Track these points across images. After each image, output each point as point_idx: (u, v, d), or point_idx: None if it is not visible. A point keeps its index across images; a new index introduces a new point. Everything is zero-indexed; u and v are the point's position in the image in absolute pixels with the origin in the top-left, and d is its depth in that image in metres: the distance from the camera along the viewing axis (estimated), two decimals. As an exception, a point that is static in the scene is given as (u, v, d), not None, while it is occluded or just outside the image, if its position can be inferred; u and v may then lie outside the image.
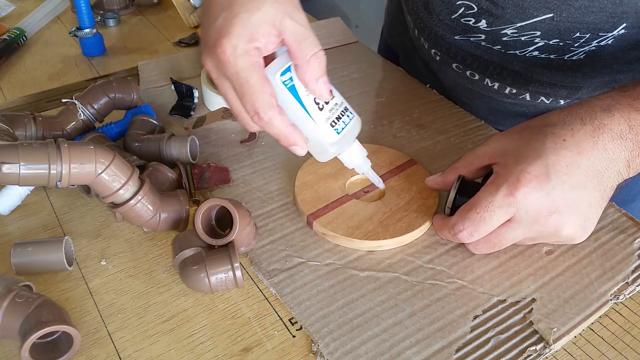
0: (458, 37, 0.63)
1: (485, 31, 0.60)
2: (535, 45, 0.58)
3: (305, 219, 0.51)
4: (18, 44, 0.80)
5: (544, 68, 0.61)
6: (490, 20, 0.59)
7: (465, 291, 0.46)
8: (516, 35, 0.58)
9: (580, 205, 0.45)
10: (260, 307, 0.45)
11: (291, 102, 0.44)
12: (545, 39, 0.57)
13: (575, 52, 0.57)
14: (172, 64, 0.74)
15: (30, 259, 0.45)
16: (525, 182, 0.43)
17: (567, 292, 0.46)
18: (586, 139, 0.44)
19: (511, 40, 0.59)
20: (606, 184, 0.45)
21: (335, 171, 0.55)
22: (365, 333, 0.42)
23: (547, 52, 0.58)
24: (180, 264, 0.45)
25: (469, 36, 0.62)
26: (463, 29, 0.62)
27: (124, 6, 0.91)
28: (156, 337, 0.42)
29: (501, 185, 0.44)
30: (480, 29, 0.60)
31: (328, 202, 0.52)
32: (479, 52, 0.64)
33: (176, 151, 0.55)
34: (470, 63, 0.66)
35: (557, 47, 0.57)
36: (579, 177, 0.44)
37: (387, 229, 0.49)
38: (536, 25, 0.56)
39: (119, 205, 0.46)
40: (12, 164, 0.41)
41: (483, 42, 0.62)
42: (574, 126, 0.45)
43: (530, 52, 0.59)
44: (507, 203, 0.44)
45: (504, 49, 0.60)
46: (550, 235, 0.46)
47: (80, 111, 0.57)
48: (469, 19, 0.60)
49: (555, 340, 0.42)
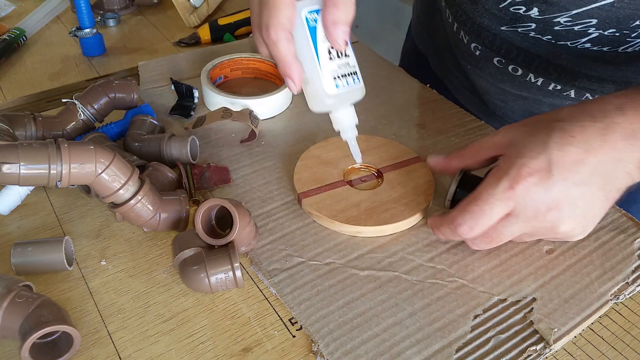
0: (504, 28, 0.61)
1: (536, 20, 0.58)
2: (589, 37, 0.55)
3: (297, 197, 0.53)
4: (18, 44, 0.80)
5: (594, 61, 0.58)
6: (544, 7, 0.56)
7: (465, 290, 0.46)
8: (570, 24, 0.55)
9: (582, 204, 0.44)
10: (260, 307, 0.45)
11: (306, 40, 0.46)
12: (601, 29, 0.54)
13: (631, 43, 0.54)
14: (172, 64, 0.74)
15: (30, 259, 0.45)
16: (526, 176, 0.42)
17: (568, 292, 0.46)
18: (595, 137, 0.43)
19: (563, 30, 0.56)
20: (613, 184, 0.44)
21: (338, 158, 0.56)
22: (366, 333, 0.42)
23: (601, 45, 0.56)
24: (181, 264, 0.45)
25: (517, 26, 0.60)
26: (512, 18, 0.60)
27: (124, 6, 0.91)
28: (156, 337, 0.42)
29: (502, 178, 0.43)
30: (531, 17, 0.58)
31: (322, 184, 0.53)
32: (525, 45, 0.61)
33: (176, 151, 0.55)
34: (514, 57, 0.64)
35: (612, 38, 0.54)
36: (583, 175, 0.43)
37: (371, 217, 0.50)
38: (593, 13, 0.53)
39: (119, 205, 0.46)
40: (12, 164, 0.41)
41: (532, 32, 0.59)
42: (584, 123, 0.43)
43: (582, 44, 0.56)
44: (507, 196, 0.43)
45: (554, 40, 0.58)
46: (547, 231, 0.45)
47: (80, 111, 0.57)
48: (519, 7, 0.58)
49: (555, 340, 0.42)
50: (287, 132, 0.63)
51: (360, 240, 0.50)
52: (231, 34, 0.83)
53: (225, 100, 0.63)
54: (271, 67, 0.70)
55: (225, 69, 0.70)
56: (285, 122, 0.65)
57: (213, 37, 0.83)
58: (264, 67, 0.71)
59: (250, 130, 0.61)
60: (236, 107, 0.63)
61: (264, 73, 0.71)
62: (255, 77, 0.72)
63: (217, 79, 0.70)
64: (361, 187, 0.54)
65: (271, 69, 0.70)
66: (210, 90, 0.64)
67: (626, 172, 0.44)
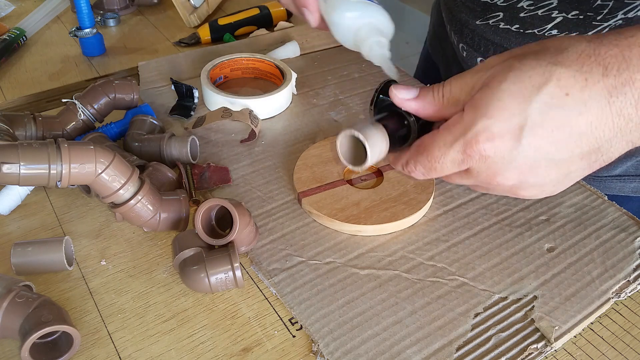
0: (479, 22, 0.61)
1: (502, 7, 0.57)
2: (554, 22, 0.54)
3: (297, 197, 0.53)
4: (18, 44, 0.80)
5: None
6: None
7: (466, 289, 0.46)
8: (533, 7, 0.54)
9: (554, 174, 0.37)
10: (260, 307, 0.45)
11: None
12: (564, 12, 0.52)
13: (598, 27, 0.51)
14: (172, 64, 0.74)
15: (30, 259, 0.45)
16: (484, 141, 0.35)
17: (569, 290, 0.46)
18: (599, 98, 0.34)
19: (528, 16, 0.55)
20: (602, 153, 0.36)
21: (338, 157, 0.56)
22: (366, 332, 0.42)
23: (567, 31, 0.53)
24: (180, 264, 0.45)
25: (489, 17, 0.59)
26: (482, 9, 0.60)
27: (124, 6, 0.91)
28: (156, 337, 0.42)
29: (458, 138, 0.37)
30: (498, 5, 0.57)
31: (322, 183, 0.53)
32: (498, 39, 0.61)
33: (176, 151, 0.55)
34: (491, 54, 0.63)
35: (577, 22, 0.52)
36: (564, 144, 0.35)
37: (371, 215, 0.50)
38: None
39: (119, 205, 0.46)
40: (12, 164, 0.41)
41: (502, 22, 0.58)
42: (591, 76, 0.34)
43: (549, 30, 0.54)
44: (460, 159, 0.37)
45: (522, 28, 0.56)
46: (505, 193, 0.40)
47: (80, 111, 0.57)
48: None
49: (556, 338, 0.42)
50: (287, 131, 0.63)
51: (360, 239, 0.50)
52: (231, 34, 0.83)
53: (225, 100, 0.63)
54: (271, 66, 0.70)
55: (225, 69, 0.70)
56: (285, 122, 0.65)
57: (213, 37, 0.83)
58: (264, 67, 0.71)
59: (250, 130, 0.61)
60: (236, 107, 0.63)
61: (264, 73, 0.71)
62: (255, 77, 0.72)
63: (217, 79, 0.70)
64: (361, 186, 0.54)
65: (271, 69, 0.70)
66: (211, 90, 0.64)
67: (627, 140, 0.35)
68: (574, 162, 0.36)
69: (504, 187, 0.38)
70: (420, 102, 0.41)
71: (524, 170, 0.37)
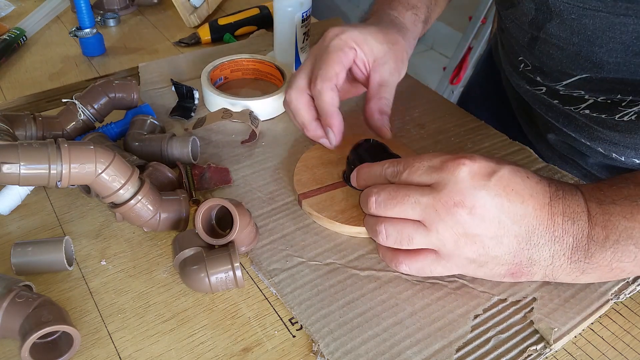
0: (529, 87, 0.64)
1: (544, 85, 0.60)
2: (587, 103, 0.56)
3: (297, 198, 0.53)
4: (18, 44, 0.80)
5: (599, 126, 0.58)
6: (543, 76, 0.59)
7: (465, 290, 0.46)
8: (567, 91, 0.57)
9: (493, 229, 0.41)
10: (260, 307, 0.45)
11: None
12: (594, 97, 0.55)
13: (625, 112, 0.54)
14: (172, 65, 0.74)
15: (30, 259, 0.45)
16: (464, 163, 0.41)
17: (568, 291, 0.46)
18: (544, 195, 0.41)
19: (566, 95, 0.58)
20: (530, 248, 0.41)
21: (338, 159, 0.56)
22: (366, 332, 0.42)
23: (598, 112, 0.56)
24: (180, 264, 0.45)
25: (535, 89, 0.62)
26: (529, 81, 0.63)
27: (124, 6, 0.91)
28: (156, 337, 0.42)
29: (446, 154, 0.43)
30: (539, 82, 0.60)
31: (322, 185, 0.53)
32: (546, 104, 0.64)
33: (177, 151, 0.55)
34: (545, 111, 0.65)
35: (605, 105, 0.55)
36: (514, 210, 0.40)
37: None
38: (579, 84, 0.55)
39: (119, 205, 0.46)
40: (12, 164, 0.41)
41: (544, 95, 0.61)
42: (542, 179, 0.42)
43: (583, 109, 0.57)
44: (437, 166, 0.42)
45: (561, 104, 0.60)
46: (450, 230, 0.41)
47: (80, 111, 0.57)
48: (529, 73, 0.61)
49: (555, 340, 0.42)
50: (288, 133, 0.63)
51: (360, 241, 0.50)
52: (231, 34, 0.84)
53: (225, 101, 0.63)
54: (271, 68, 0.70)
55: (225, 70, 0.70)
56: (286, 123, 0.65)
57: (213, 37, 0.83)
58: (264, 68, 0.71)
59: (250, 131, 0.61)
60: (237, 108, 0.63)
61: (264, 74, 0.71)
62: (255, 78, 0.72)
63: (218, 80, 0.70)
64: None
65: (271, 70, 0.70)
66: (211, 91, 0.64)
67: (551, 253, 0.41)
68: (509, 233, 0.41)
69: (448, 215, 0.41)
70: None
71: (477, 206, 0.40)
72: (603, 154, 0.62)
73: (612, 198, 0.41)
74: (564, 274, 0.42)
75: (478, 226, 0.41)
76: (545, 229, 0.41)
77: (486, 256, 0.42)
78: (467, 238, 0.41)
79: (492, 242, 0.41)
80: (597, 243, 0.40)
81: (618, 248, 0.40)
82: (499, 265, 0.42)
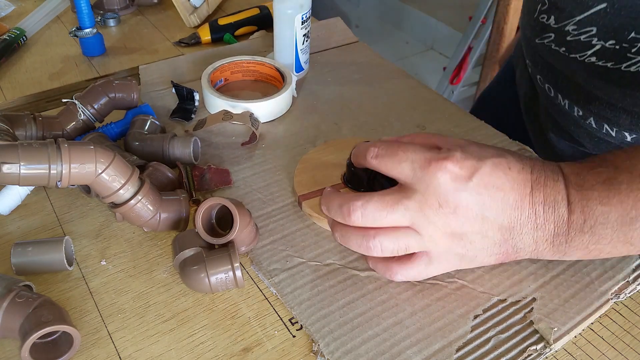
0: (538, 41, 0.64)
1: (553, 29, 0.60)
2: (593, 49, 0.56)
3: (297, 200, 0.53)
4: (18, 44, 0.80)
5: (601, 79, 0.58)
6: (557, 14, 0.59)
7: (465, 291, 0.46)
8: (576, 33, 0.57)
9: (476, 226, 0.42)
10: (260, 307, 0.45)
11: None
12: (602, 40, 0.55)
13: (632, 60, 0.54)
14: (173, 67, 0.74)
15: (30, 259, 0.45)
16: (447, 163, 0.41)
17: (568, 292, 0.46)
18: (525, 186, 0.42)
19: (573, 40, 0.58)
20: (515, 238, 0.42)
21: (338, 160, 0.56)
22: (366, 332, 0.42)
23: (604, 59, 0.56)
24: (180, 264, 0.45)
25: (544, 38, 0.62)
26: (540, 28, 0.63)
27: (124, 6, 0.91)
28: (156, 337, 0.42)
29: (427, 151, 0.43)
30: (551, 26, 0.60)
31: (322, 186, 0.53)
32: (551, 59, 0.64)
33: (179, 151, 0.55)
34: (546, 73, 0.66)
35: (613, 51, 0.55)
36: (496, 204, 0.42)
37: None
38: (592, 19, 0.55)
39: (119, 205, 0.46)
40: (12, 164, 0.41)
41: (552, 43, 0.61)
42: (525, 166, 0.43)
43: (589, 57, 0.57)
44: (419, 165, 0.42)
45: (567, 52, 0.60)
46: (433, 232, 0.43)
47: (80, 111, 0.57)
48: (543, 15, 0.61)
49: (555, 340, 0.42)
50: (288, 134, 0.63)
51: (360, 241, 0.50)
52: (231, 34, 0.84)
53: (226, 103, 0.63)
54: (272, 69, 0.70)
55: (225, 72, 0.70)
56: (286, 125, 0.65)
57: (213, 37, 0.83)
58: (264, 70, 0.71)
59: (251, 132, 0.61)
60: (237, 110, 0.63)
61: (264, 76, 0.71)
62: (255, 80, 0.72)
63: (218, 82, 0.70)
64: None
65: (271, 72, 0.70)
66: (211, 93, 0.64)
67: (534, 239, 0.42)
68: (493, 227, 0.42)
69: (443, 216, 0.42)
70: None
71: (460, 205, 0.42)
72: (594, 128, 0.62)
73: (591, 183, 0.42)
74: (548, 255, 0.44)
75: (463, 224, 0.42)
76: (527, 218, 0.42)
77: (474, 250, 0.43)
78: (455, 236, 0.43)
79: (478, 237, 0.43)
80: (575, 228, 0.42)
81: (595, 232, 0.42)
82: (487, 256, 0.44)
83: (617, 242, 0.42)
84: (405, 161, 0.43)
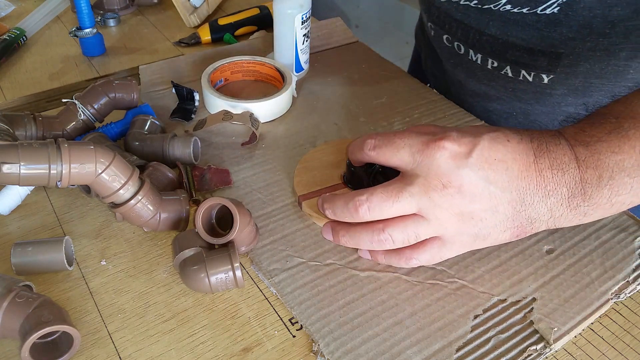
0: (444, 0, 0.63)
1: None
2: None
3: (297, 200, 0.53)
4: (18, 44, 0.80)
5: (517, 26, 0.57)
6: None
7: (465, 291, 0.46)
8: None
9: (485, 202, 0.42)
10: (260, 307, 0.45)
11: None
12: None
13: (549, 2, 0.53)
14: (172, 67, 0.74)
15: (30, 259, 0.45)
16: (444, 142, 0.41)
17: (568, 291, 0.46)
18: (528, 155, 0.42)
19: None
20: (527, 209, 0.42)
21: (338, 160, 0.56)
22: (366, 332, 0.42)
23: (519, 5, 0.55)
24: (181, 264, 0.45)
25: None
26: None
27: (124, 6, 0.91)
28: (156, 337, 0.42)
29: (423, 135, 0.43)
30: None
31: (322, 187, 0.53)
32: (459, 16, 0.62)
33: (179, 151, 0.55)
34: (455, 31, 0.64)
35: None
36: (500, 177, 0.41)
37: None
38: None
39: (119, 205, 0.46)
40: (12, 164, 0.41)
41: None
42: (523, 137, 0.43)
43: (503, 5, 0.56)
44: (417, 149, 0.42)
45: (479, 3, 0.59)
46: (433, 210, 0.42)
47: (80, 111, 0.57)
48: None
49: (555, 340, 0.42)
50: (288, 134, 0.63)
51: (360, 241, 0.50)
52: (231, 34, 0.84)
53: (226, 103, 0.63)
54: (272, 69, 0.70)
55: (225, 72, 0.70)
56: (286, 125, 0.65)
57: (213, 37, 0.83)
58: (264, 70, 0.71)
59: (251, 132, 0.61)
60: (237, 110, 0.63)
61: (264, 76, 0.71)
62: (255, 80, 0.72)
63: (218, 82, 0.70)
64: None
65: (271, 72, 0.70)
66: (211, 93, 0.64)
67: (548, 207, 0.42)
68: (502, 201, 0.42)
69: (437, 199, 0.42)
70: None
71: (464, 183, 0.41)
72: (510, 77, 0.62)
73: (598, 136, 0.42)
74: (567, 221, 0.43)
75: (471, 203, 0.42)
76: (536, 186, 0.41)
77: (487, 228, 0.43)
78: (464, 216, 0.42)
79: (488, 213, 0.42)
80: (592, 185, 0.41)
81: (614, 183, 0.41)
82: (501, 232, 0.43)
83: (638, 189, 0.41)
84: (403, 147, 0.43)
